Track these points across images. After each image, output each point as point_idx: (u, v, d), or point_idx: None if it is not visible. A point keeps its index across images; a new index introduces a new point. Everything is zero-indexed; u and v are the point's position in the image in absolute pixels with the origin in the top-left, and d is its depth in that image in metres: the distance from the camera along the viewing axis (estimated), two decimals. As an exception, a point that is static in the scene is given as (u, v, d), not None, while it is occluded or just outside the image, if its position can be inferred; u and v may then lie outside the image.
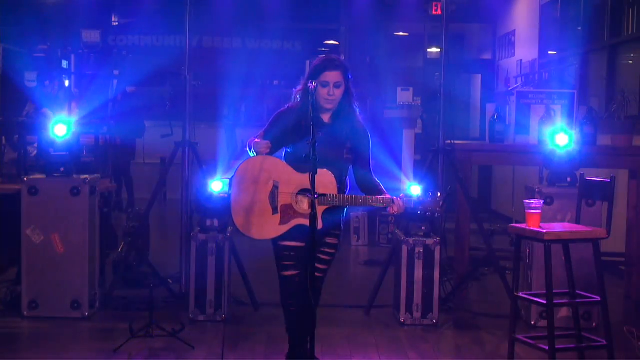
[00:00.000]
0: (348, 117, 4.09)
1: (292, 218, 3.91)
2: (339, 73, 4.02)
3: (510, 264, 6.64)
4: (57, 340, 5.00)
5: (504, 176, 10.83)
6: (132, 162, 11.21)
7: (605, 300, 4.41)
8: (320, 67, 4.03)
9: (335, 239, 4.10)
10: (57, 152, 5.51)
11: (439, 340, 5.23)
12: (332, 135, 4.02)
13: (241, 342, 5.05)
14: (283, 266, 4.03)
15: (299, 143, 3.94)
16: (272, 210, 3.92)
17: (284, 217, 3.92)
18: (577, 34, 9.10)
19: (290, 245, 3.99)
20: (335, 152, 4.00)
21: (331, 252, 4.11)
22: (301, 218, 3.89)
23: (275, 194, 3.91)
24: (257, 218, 3.92)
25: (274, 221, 3.92)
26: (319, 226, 3.80)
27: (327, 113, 4.10)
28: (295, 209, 3.91)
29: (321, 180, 3.84)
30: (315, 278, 3.90)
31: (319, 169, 3.78)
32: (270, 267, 3.82)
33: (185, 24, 6.09)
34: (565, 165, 5.52)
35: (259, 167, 3.94)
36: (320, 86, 3.99)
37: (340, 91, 4.04)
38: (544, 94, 6.44)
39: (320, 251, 4.00)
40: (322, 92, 4.01)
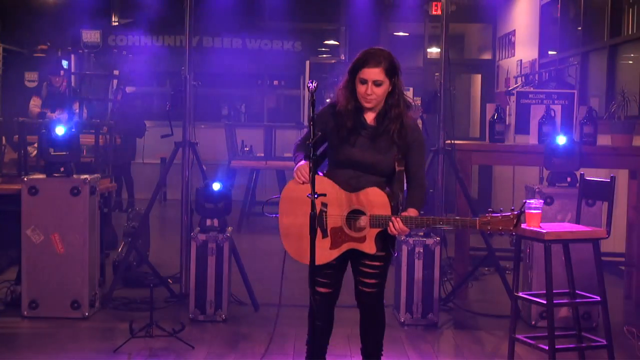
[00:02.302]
0: (396, 119, 3.66)
1: (344, 242, 3.62)
2: (381, 70, 3.59)
3: (510, 264, 6.65)
4: (57, 340, 5.00)
5: (504, 176, 10.83)
6: (132, 162, 11.21)
7: (605, 300, 4.41)
8: (360, 62, 3.63)
9: (380, 252, 3.70)
10: (57, 152, 5.51)
11: (439, 340, 5.23)
12: (376, 140, 3.66)
13: (241, 342, 5.05)
14: (319, 283, 3.72)
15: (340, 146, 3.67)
16: (321, 234, 3.61)
17: (335, 241, 3.62)
18: (577, 34, 9.10)
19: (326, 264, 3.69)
20: (383, 160, 3.66)
21: (377, 265, 3.72)
22: (354, 242, 3.61)
23: (324, 216, 3.62)
24: (306, 242, 3.51)
25: (324, 246, 3.61)
26: (371, 251, 3.61)
27: (371, 113, 3.70)
28: (346, 232, 3.62)
29: (372, 200, 3.59)
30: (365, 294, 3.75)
31: (370, 187, 3.58)
32: (270, 267, 3.81)
33: (185, 24, 6.09)
34: (565, 165, 5.53)
35: (305, 188, 3.56)
36: (359, 82, 3.62)
37: (381, 90, 3.62)
38: (544, 94, 6.44)
39: (363, 264, 3.72)
40: (360, 90, 3.62)
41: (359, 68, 3.63)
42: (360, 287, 3.79)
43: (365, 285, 3.77)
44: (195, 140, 6.12)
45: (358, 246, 3.63)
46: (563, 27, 9.55)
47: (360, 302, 3.83)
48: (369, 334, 3.89)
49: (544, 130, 6.14)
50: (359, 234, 3.62)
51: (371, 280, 3.75)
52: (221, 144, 10.64)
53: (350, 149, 3.66)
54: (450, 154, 6.01)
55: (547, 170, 5.67)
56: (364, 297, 3.79)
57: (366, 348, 3.91)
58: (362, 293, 3.79)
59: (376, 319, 3.85)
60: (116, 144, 8.04)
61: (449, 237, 6.68)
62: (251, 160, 10.05)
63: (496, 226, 3.62)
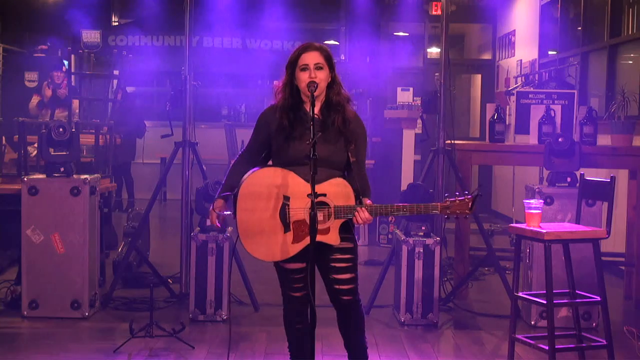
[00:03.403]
0: (339, 108, 3.63)
1: (307, 235, 3.47)
2: (318, 54, 3.59)
3: (510, 264, 6.66)
4: (57, 340, 5.00)
5: (504, 176, 10.84)
6: (132, 162, 11.21)
7: (605, 300, 4.41)
8: (297, 51, 3.61)
9: (345, 243, 3.61)
10: (57, 152, 5.51)
11: (439, 340, 5.23)
12: (324, 132, 3.56)
13: (241, 342, 5.05)
14: (291, 288, 3.67)
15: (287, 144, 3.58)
16: (283, 229, 3.51)
17: (297, 234, 3.51)
18: (577, 34, 9.11)
19: (297, 268, 3.62)
20: (335, 151, 3.59)
21: (347, 258, 3.63)
22: (318, 235, 3.44)
23: (286, 210, 3.51)
24: (266, 238, 3.52)
25: (287, 240, 3.51)
26: (335, 242, 3.53)
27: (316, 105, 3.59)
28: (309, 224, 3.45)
29: (339, 192, 3.52)
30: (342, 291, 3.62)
31: (334, 178, 3.52)
32: (270, 267, 3.80)
33: (185, 24, 6.09)
34: (565, 165, 5.53)
35: (265, 182, 3.53)
36: (300, 71, 3.57)
37: (324, 74, 3.58)
38: (544, 94, 6.44)
39: (332, 259, 3.61)
40: (303, 78, 3.55)
41: (297, 57, 3.60)
42: (336, 285, 3.63)
43: (340, 282, 3.62)
44: (195, 140, 6.12)
45: (322, 238, 3.49)
46: (563, 27, 9.56)
47: (338, 302, 3.68)
48: (354, 331, 3.76)
49: (544, 130, 6.15)
50: (323, 226, 3.51)
51: (346, 275, 3.63)
52: (221, 144, 10.64)
53: (300, 144, 3.54)
54: (450, 154, 6.01)
55: (547, 170, 5.67)
56: (342, 295, 3.64)
57: (354, 348, 3.79)
58: (339, 292, 3.64)
59: (357, 314, 3.73)
60: (116, 144, 8.04)
61: (449, 237, 6.68)
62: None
63: (454, 210, 3.62)
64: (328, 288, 3.67)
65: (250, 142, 3.74)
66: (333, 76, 3.65)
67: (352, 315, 3.71)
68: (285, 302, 3.76)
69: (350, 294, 3.66)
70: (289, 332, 3.82)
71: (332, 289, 3.65)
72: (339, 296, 3.65)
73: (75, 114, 8.58)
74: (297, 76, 3.59)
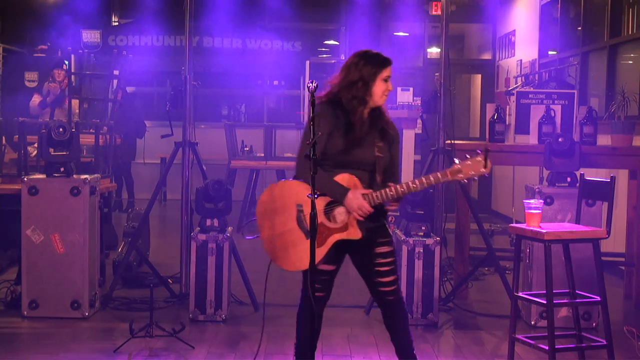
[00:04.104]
0: (382, 114, 3.78)
1: (328, 236, 3.61)
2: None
3: (510, 264, 6.66)
4: (57, 340, 5.00)
5: (504, 176, 10.83)
6: (132, 162, 11.21)
7: (605, 300, 4.41)
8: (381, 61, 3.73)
9: (385, 247, 3.76)
10: (57, 152, 5.51)
11: (439, 340, 5.23)
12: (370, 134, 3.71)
13: (241, 342, 5.05)
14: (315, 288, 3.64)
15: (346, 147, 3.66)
16: (304, 236, 3.60)
17: (320, 238, 3.58)
18: (577, 34, 9.11)
19: (325, 270, 3.71)
20: (370, 152, 3.70)
21: (388, 262, 3.77)
22: (338, 233, 3.61)
23: (302, 217, 3.62)
24: (292, 250, 3.61)
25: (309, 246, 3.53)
26: (357, 236, 3.61)
27: (367, 108, 3.75)
28: (327, 225, 3.62)
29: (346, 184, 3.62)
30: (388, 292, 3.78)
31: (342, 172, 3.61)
32: (270, 267, 3.80)
33: (185, 24, 6.09)
34: (565, 165, 5.53)
35: (277, 196, 3.66)
36: (382, 81, 3.70)
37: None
38: (544, 94, 6.43)
39: (376, 264, 3.75)
40: (381, 88, 3.71)
41: (382, 67, 3.71)
42: (381, 288, 3.79)
43: (385, 284, 3.78)
44: (195, 140, 6.12)
45: (343, 236, 3.62)
46: (563, 27, 9.55)
47: (383, 302, 3.84)
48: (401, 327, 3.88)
49: (544, 130, 6.14)
50: (340, 224, 3.61)
51: (389, 278, 3.79)
52: (221, 144, 10.64)
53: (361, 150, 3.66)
54: (450, 154, 6.01)
55: (547, 170, 5.67)
56: (388, 296, 3.80)
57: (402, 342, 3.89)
58: (384, 293, 3.80)
59: (402, 310, 3.88)
60: (116, 144, 8.04)
61: (449, 237, 6.68)
62: (251, 160, 10.05)
63: (468, 172, 3.55)
64: (372, 289, 3.84)
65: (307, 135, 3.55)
66: None
67: (398, 313, 3.87)
68: (303, 300, 3.81)
69: (395, 294, 3.82)
70: (301, 330, 3.85)
71: (376, 290, 3.82)
72: (385, 297, 3.82)
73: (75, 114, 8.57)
74: (377, 84, 3.70)
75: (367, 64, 3.71)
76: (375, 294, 3.84)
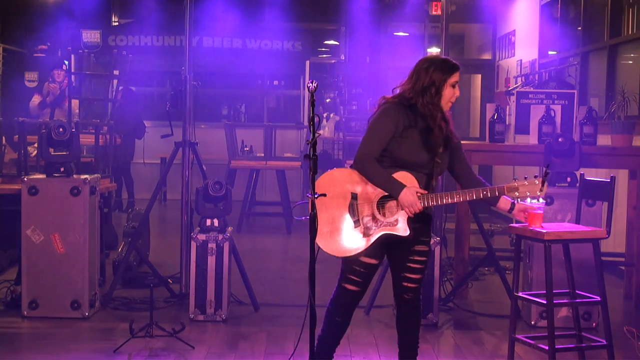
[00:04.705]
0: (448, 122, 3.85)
1: (377, 228, 3.71)
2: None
3: (510, 264, 6.66)
4: (57, 340, 5.00)
5: (504, 176, 10.83)
6: (132, 162, 11.20)
7: (605, 300, 4.41)
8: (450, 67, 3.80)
9: (424, 246, 3.86)
10: (57, 152, 5.51)
11: (439, 340, 5.23)
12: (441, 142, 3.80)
13: (241, 342, 5.05)
14: (349, 279, 3.80)
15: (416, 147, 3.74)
16: (353, 224, 3.71)
17: (367, 228, 3.70)
18: (577, 34, 9.10)
19: (366, 262, 3.76)
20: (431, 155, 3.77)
21: (422, 260, 3.86)
22: (385, 227, 3.70)
23: (355, 205, 3.71)
24: (338, 235, 3.71)
25: (357, 235, 3.71)
26: (405, 233, 3.69)
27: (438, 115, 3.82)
28: (378, 217, 3.71)
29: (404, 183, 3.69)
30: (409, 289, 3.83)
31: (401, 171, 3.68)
32: (270, 267, 3.80)
33: (185, 24, 6.09)
34: (565, 165, 5.53)
35: (333, 181, 3.74)
36: (450, 86, 3.78)
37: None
38: (544, 94, 6.43)
39: (410, 260, 3.83)
40: (449, 93, 3.78)
41: (451, 73, 3.78)
42: (405, 283, 3.85)
43: (410, 280, 3.84)
44: (195, 140, 6.12)
45: (391, 229, 3.70)
46: (563, 27, 9.55)
47: (401, 298, 3.88)
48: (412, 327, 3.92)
49: (544, 130, 6.14)
50: (390, 218, 3.69)
51: (417, 276, 3.85)
52: (221, 144, 10.64)
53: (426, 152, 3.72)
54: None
55: (547, 170, 5.66)
56: (408, 292, 3.85)
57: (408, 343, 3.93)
58: (406, 289, 3.84)
59: (418, 311, 3.92)
60: (116, 144, 8.04)
61: (449, 237, 6.68)
62: (251, 160, 10.05)
63: (524, 192, 3.73)
64: (396, 283, 3.91)
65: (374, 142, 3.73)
66: None
67: (413, 311, 3.91)
68: (338, 290, 3.85)
69: (414, 292, 3.88)
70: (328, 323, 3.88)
71: (400, 285, 3.88)
72: (404, 293, 3.86)
73: (75, 114, 8.56)
74: (446, 89, 3.76)
75: (437, 69, 3.77)
76: (398, 288, 3.88)
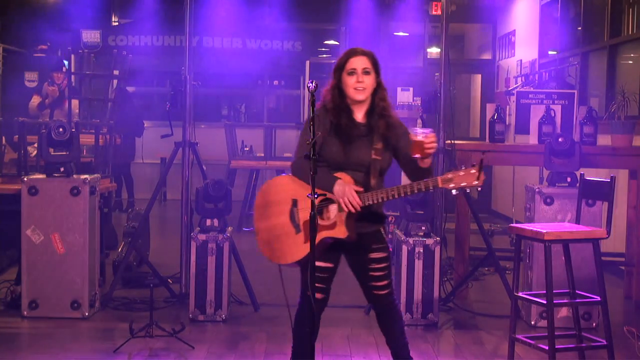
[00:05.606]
0: (384, 113, 3.68)
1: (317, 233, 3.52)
2: (366, 59, 3.66)
3: (510, 264, 6.66)
4: (57, 340, 5.00)
5: (504, 176, 10.83)
6: (132, 162, 11.21)
7: (605, 300, 4.41)
8: (345, 56, 3.68)
9: (380, 253, 3.72)
10: (57, 152, 5.51)
11: (439, 340, 5.23)
12: (367, 136, 3.65)
13: (241, 342, 5.05)
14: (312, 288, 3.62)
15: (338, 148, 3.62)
16: (295, 230, 3.61)
17: (308, 234, 3.54)
18: (577, 34, 9.11)
19: (322, 267, 3.63)
20: (365, 154, 3.64)
21: (382, 267, 3.73)
22: (325, 230, 3.56)
23: (295, 212, 3.61)
24: (280, 243, 3.63)
25: (298, 241, 3.59)
26: (343, 235, 3.55)
27: (360, 110, 3.71)
28: (317, 222, 3.53)
29: None
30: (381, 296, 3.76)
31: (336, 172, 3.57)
32: (270, 267, 3.80)
33: (185, 24, 6.09)
34: (565, 165, 5.53)
35: (273, 191, 3.68)
36: (347, 75, 3.64)
37: (370, 79, 3.65)
38: (544, 94, 6.44)
39: (370, 269, 3.73)
40: (350, 82, 3.62)
41: (345, 61, 3.66)
42: (375, 291, 3.78)
43: (379, 288, 3.77)
44: (195, 140, 6.12)
45: (330, 233, 3.56)
46: (563, 27, 9.55)
47: (377, 305, 3.84)
48: (395, 329, 3.87)
49: (544, 130, 6.14)
50: (330, 221, 3.58)
51: (384, 282, 3.77)
52: (221, 144, 10.64)
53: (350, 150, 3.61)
54: (450, 154, 6.01)
55: (547, 170, 5.67)
56: (382, 299, 3.79)
57: (395, 345, 3.89)
58: (378, 297, 3.79)
59: (396, 313, 3.86)
60: (116, 144, 8.04)
61: (449, 237, 6.68)
62: (251, 160, 10.05)
63: (459, 182, 3.53)
64: (365, 292, 3.83)
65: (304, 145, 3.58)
66: (379, 81, 3.72)
67: (391, 315, 3.85)
68: (302, 301, 3.78)
69: (388, 297, 3.81)
70: (298, 331, 3.81)
71: (371, 293, 3.80)
72: (379, 301, 3.81)
73: (75, 114, 8.57)
74: (344, 80, 3.66)
75: (335, 63, 3.71)
76: (370, 297, 3.83)
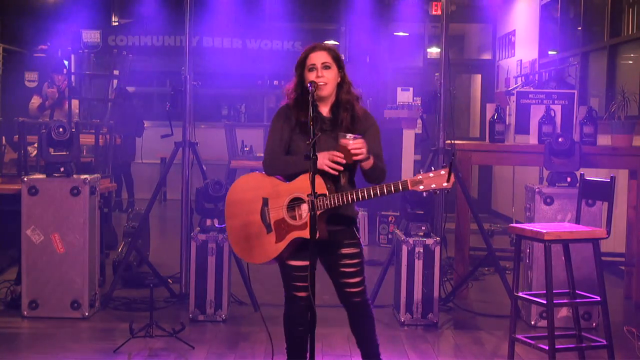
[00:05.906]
0: (348, 107, 3.67)
1: (287, 232, 3.55)
2: (326, 53, 3.66)
3: (510, 264, 6.66)
4: (57, 340, 5.00)
5: (504, 176, 10.83)
6: (132, 162, 11.21)
7: (605, 300, 4.41)
8: (305, 52, 3.70)
9: (352, 248, 3.69)
10: (57, 152, 5.51)
11: (439, 340, 5.23)
12: (333, 131, 3.62)
13: (241, 342, 5.05)
14: (295, 287, 3.67)
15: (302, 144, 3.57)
16: (266, 229, 3.59)
17: (279, 233, 3.56)
18: (577, 34, 9.11)
19: (300, 265, 3.61)
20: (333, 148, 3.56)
21: (354, 263, 3.70)
22: (296, 230, 3.53)
23: (266, 211, 3.58)
24: (252, 242, 3.61)
25: (270, 241, 3.58)
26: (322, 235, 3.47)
27: (325, 105, 3.71)
28: (288, 222, 3.55)
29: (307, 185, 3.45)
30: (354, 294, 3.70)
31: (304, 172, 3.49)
32: (270, 267, 3.80)
33: (185, 24, 6.09)
34: (565, 165, 5.53)
35: (244, 188, 3.66)
36: (308, 71, 3.64)
37: (331, 73, 3.65)
38: (544, 94, 6.43)
39: (341, 265, 3.68)
40: (310, 78, 3.61)
41: (305, 57, 3.67)
42: (347, 289, 3.72)
43: (351, 285, 3.71)
44: (195, 140, 6.12)
45: (301, 234, 3.53)
46: (563, 27, 9.55)
47: (349, 304, 3.76)
48: (366, 330, 3.82)
49: (544, 130, 6.15)
50: (301, 221, 3.54)
51: (355, 279, 3.71)
52: (221, 144, 10.64)
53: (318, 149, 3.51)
54: (450, 154, 6.01)
55: (547, 170, 5.67)
56: (353, 297, 3.73)
57: (367, 346, 3.85)
58: (350, 294, 3.72)
59: (368, 313, 3.80)
60: (116, 144, 8.04)
61: (449, 237, 6.68)
62: (251, 160, 10.05)
63: (429, 184, 3.47)
64: (338, 290, 3.77)
65: (275, 142, 3.66)
66: (342, 75, 3.72)
67: (364, 314, 3.79)
68: (287, 302, 3.76)
69: (360, 296, 3.75)
70: (289, 333, 3.81)
71: (342, 291, 3.74)
72: (350, 298, 3.75)
73: (75, 114, 8.57)
74: (306, 76, 3.65)
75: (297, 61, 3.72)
76: (342, 295, 3.75)
